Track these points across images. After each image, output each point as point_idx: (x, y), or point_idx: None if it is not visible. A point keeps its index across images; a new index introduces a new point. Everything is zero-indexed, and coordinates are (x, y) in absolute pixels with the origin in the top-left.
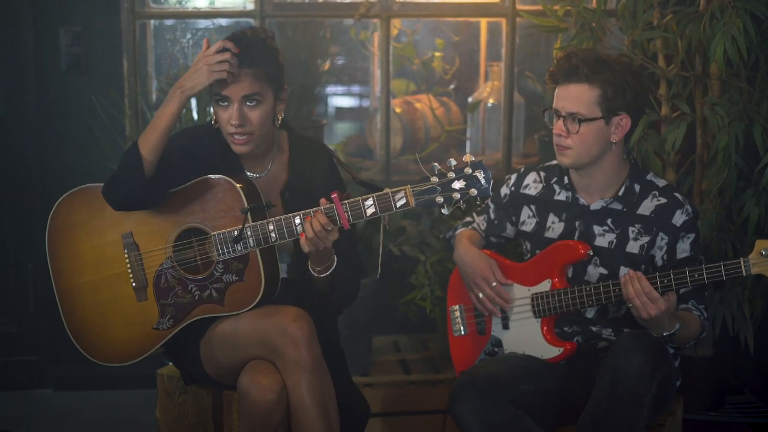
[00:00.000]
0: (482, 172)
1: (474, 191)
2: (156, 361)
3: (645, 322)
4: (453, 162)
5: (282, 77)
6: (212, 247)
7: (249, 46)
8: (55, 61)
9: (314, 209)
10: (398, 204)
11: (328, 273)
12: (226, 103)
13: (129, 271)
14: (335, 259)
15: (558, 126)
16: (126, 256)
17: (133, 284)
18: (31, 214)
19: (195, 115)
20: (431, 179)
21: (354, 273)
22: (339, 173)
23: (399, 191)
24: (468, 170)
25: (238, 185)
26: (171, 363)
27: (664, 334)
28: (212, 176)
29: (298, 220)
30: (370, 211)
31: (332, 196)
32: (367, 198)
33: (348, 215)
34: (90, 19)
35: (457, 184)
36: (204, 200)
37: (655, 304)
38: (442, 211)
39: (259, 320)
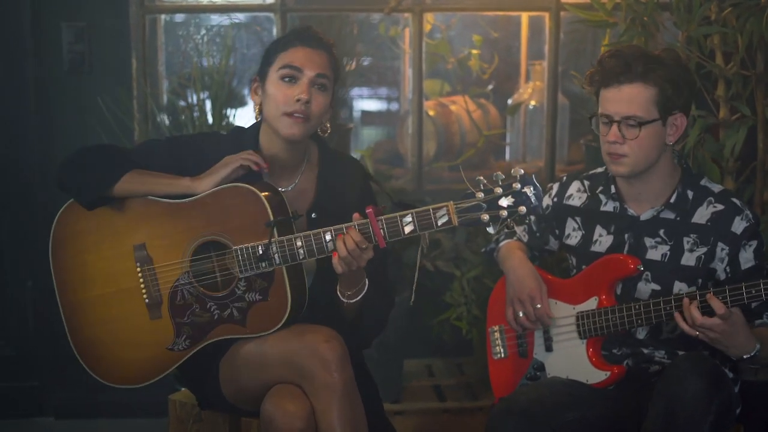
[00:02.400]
0: (532, 188)
1: (523, 209)
2: (167, 386)
3: (719, 346)
4: (500, 176)
5: (337, 82)
6: (234, 262)
7: (322, 37)
8: (57, 59)
9: (347, 224)
10: (439, 222)
11: (359, 298)
12: (292, 81)
13: (142, 286)
14: (366, 282)
15: (613, 133)
16: (138, 269)
17: (146, 300)
18: (31, 227)
19: (210, 119)
20: (476, 195)
21: (383, 301)
22: (372, 193)
23: (441, 208)
24: (516, 185)
25: (263, 195)
26: (184, 388)
27: (744, 357)
28: (234, 184)
29: (329, 237)
30: (408, 228)
31: (367, 210)
32: (406, 214)
33: (384, 232)
34: (95, 14)
35: (505, 201)
36: (225, 211)
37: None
38: (488, 230)
39: (288, 340)
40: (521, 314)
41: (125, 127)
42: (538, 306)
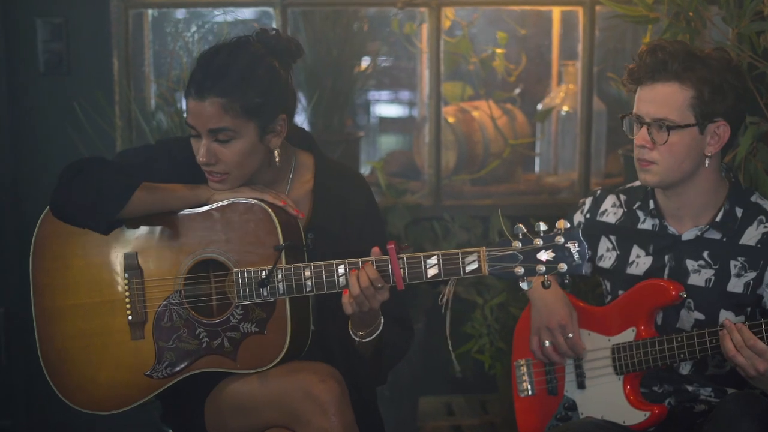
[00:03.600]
0: (577, 245)
1: (563, 266)
2: (152, 428)
3: (755, 382)
4: (543, 226)
5: (276, 105)
6: (232, 286)
7: (219, 68)
8: (30, 59)
9: (363, 259)
10: (468, 269)
11: (372, 337)
12: (195, 134)
13: (127, 300)
14: (382, 320)
15: (641, 135)
16: (126, 281)
17: (129, 317)
18: (1, 245)
19: None
20: (513, 244)
21: (402, 336)
22: (381, 215)
23: (471, 253)
24: (559, 239)
25: (275, 215)
26: (171, 431)
27: None
28: (244, 200)
29: (342, 270)
30: (432, 272)
31: (388, 246)
32: (431, 255)
33: (404, 273)
34: (73, 9)
35: (544, 255)
36: (230, 227)
37: (763, 357)
38: (521, 285)
39: (279, 379)
40: (547, 344)
41: (106, 136)
42: (570, 336)
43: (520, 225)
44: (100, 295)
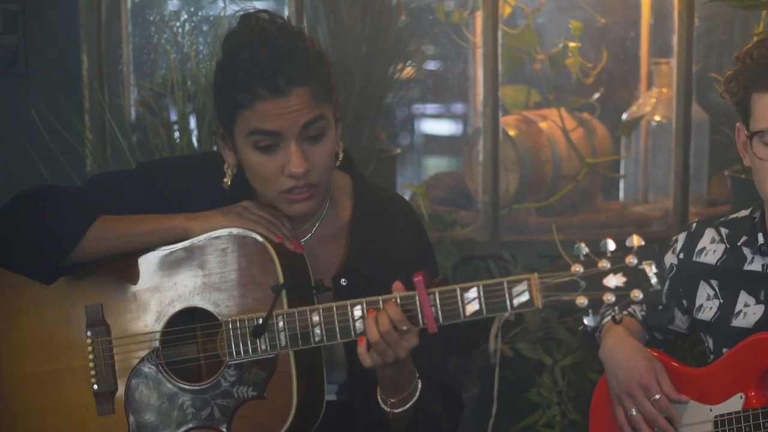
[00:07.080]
0: (654, 266)
1: (638, 294)
2: None
3: None
4: (610, 245)
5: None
6: (223, 340)
7: (292, 49)
8: None
9: (385, 297)
10: (516, 301)
11: (407, 406)
12: (270, 146)
13: (91, 365)
14: (419, 383)
15: None
16: (89, 341)
17: (95, 387)
18: None
19: (195, 142)
20: (572, 268)
21: (447, 405)
22: (434, 257)
23: (519, 281)
24: (631, 260)
25: (272, 248)
26: None
27: None
28: (233, 231)
29: (358, 312)
30: (471, 308)
31: (414, 279)
32: (469, 287)
33: (436, 311)
34: None
35: (613, 280)
36: (217, 267)
37: None
38: (585, 321)
39: None
40: (634, 413)
41: (73, 153)
42: (657, 397)
43: (582, 244)
44: (57, 361)
